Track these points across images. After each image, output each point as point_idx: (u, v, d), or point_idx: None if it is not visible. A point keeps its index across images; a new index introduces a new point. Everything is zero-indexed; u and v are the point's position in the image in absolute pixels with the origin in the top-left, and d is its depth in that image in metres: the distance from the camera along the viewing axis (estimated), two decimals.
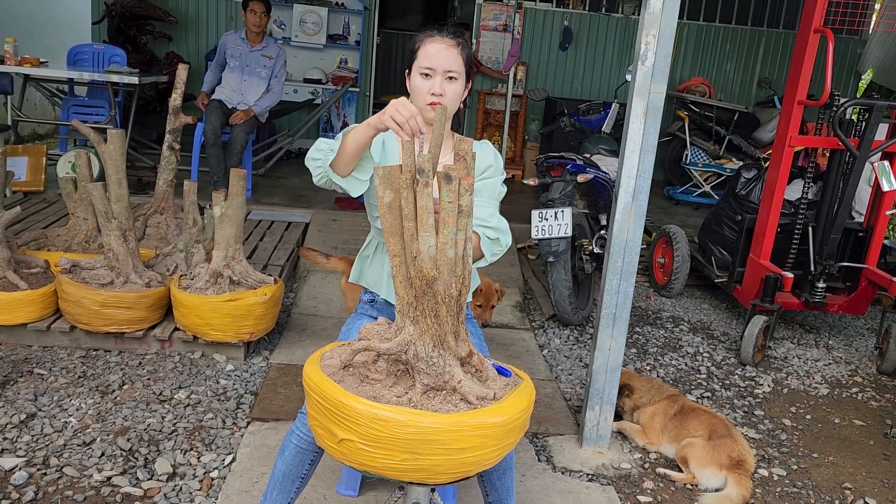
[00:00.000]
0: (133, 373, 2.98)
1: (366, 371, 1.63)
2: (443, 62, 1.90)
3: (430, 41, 1.92)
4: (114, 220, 3.08)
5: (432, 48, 1.91)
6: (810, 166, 3.78)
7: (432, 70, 1.91)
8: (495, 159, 2.01)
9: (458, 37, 1.95)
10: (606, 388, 2.64)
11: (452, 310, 1.60)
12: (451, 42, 1.92)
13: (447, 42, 1.92)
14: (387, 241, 1.60)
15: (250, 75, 5.53)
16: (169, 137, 3.80)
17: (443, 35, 1.93)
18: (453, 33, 1.95)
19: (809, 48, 3.52)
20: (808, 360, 3.78)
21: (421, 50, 1.94)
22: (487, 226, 1.89)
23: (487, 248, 1.90)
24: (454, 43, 1.93)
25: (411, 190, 1.52)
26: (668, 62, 2.40)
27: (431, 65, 1.91)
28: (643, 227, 2.54)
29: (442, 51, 1.91)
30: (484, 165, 2.00)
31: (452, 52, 1.92)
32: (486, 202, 1.95)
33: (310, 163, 1.92)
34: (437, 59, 1.90)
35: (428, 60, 1.91)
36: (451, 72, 1.92)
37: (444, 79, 1.92)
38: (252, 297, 3.09)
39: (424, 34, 1.96)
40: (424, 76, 1.92)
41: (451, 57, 1.91)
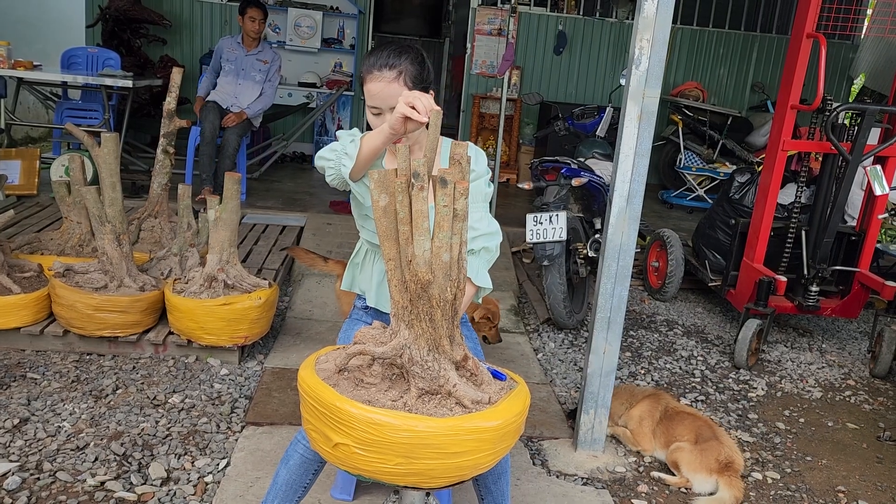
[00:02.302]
0: (127, 377, 2.97)
1: (361, 375, 1.63)
2: (386, 100, 1.82)
3: (370, 78, 1.83)
4: (108, 224, 3.07)
5: (373, 87, 1.83)
6: (803, 170, 3.80)
7: (379, 109, 1.84)
8: (476, 162, 1.95)
9: (398, 63, 1.82)
10: (601, 392, 2.65)
11: (447, 314, 1.60)
12: (391, 76, 1.82)
13: (386, 77, 1.82)
14: (382, 244, 1.60)
15: (245, 79, 5.55)
16: (163, 141, 3.79)
17: (381, 69, 1.82)
18: (392, 62, 1.82)
19: (802, 53, 3.54)
20: (802, 363, 3.79)
21: (365, 87, 1.85)
22: (479, 234, 1.92)
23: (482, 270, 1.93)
24: (394, 76, 1.82)
25: (406, 194, 1.52)
26: (662, 67, 2.41)
27: (376, 104, 1.84)
28: (637, 231, 2.55)
29: (383, 89, 1.82)
30: (472, 166, 1.97)
31: (393, 86, 1.81)
32: (472, 206, 1.93)
33: (321, 162, 1.91)
34: (379, 97, 1.83)
35: (372, 100, 1.84)
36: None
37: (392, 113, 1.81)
38: (247, 301, 3.09)
39: (365, 67, 1.86)
40: (375, 114, 1.85)
41: (393, 93, 1.80)
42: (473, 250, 1.93)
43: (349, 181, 1.88)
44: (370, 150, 1.80)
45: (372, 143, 1.79)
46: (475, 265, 1.93)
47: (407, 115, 1.65)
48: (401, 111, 1.65)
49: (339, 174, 1.87)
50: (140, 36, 7.07)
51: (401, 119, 1.67)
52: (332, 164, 1.87)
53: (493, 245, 1.96)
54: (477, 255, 1.95)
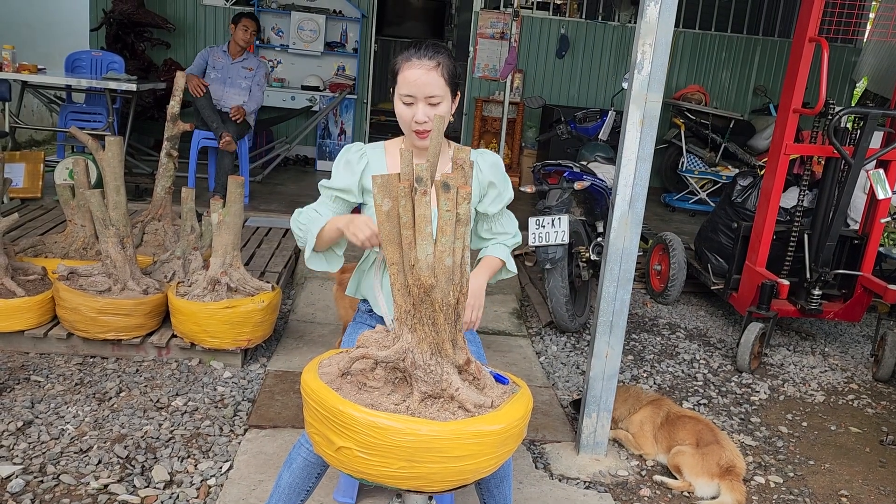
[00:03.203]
0: (130, 380, 2.98)
1: (363, 379, 1.64)
2: (423, 88, 1.83)
3: (408, 66, 1.84)
4: (111, 227, 3.08)
5: (411, 74, 1.83)
6: (806, 174, 3.80)
7: (413, 97, 1.84)
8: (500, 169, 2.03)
9: (436, 55, 1.85)
10: (603, 396, 2.65)
11: (450, 318, 1.61)
12: (430, 64, 1.83)
13: (425, 65, 1.83)
14: (385, 249, 1.61)
15: (231, 86, 5.65)
16: (167, 144, 3.81)
17: (420, 58, 1.83)
18: (431, 54, 1.85)
19: (804, 57, 3.54)
20: (805, 367, 3.79)
21: (400, 75, 1.85)
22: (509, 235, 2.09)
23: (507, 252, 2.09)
24: (433, 65, 1.83)
25: (409, 198, 1.53)
26: (665, 71, 2.42)
27: (411, 92, 1.84)
28: (640, 235, 2.55)
29: (421, 76, 1.82)
30: (490, 178, 2.01)
31: (432, 74, 1.83)
32: (502, 216, 2.08)
33: (294, 225, 1.98)
34: (416, 85, 1.83)
35: (407, 87, 1.84)
36: (433, 97, 1.84)
37: (426, 104, 1.85)
38: (250, 305, 3.09)
39: (402, 57, 1.87)
40: (406, 104, 1.86)
41: (431, 81, 1.83)
42: (507, 245, 2.09)
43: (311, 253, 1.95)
44: (328, 237, 1.88)
45: (328, 234, 1.87)
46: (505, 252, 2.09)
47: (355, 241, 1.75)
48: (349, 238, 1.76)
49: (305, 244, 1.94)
50: (144, 40, 7.10)
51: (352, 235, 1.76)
52: (301, 234, 1.96)
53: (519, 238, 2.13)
54: (508, 245, 2.09)
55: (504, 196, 2.04)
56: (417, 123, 1.87)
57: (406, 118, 1.88)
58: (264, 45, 7.57)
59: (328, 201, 1.99)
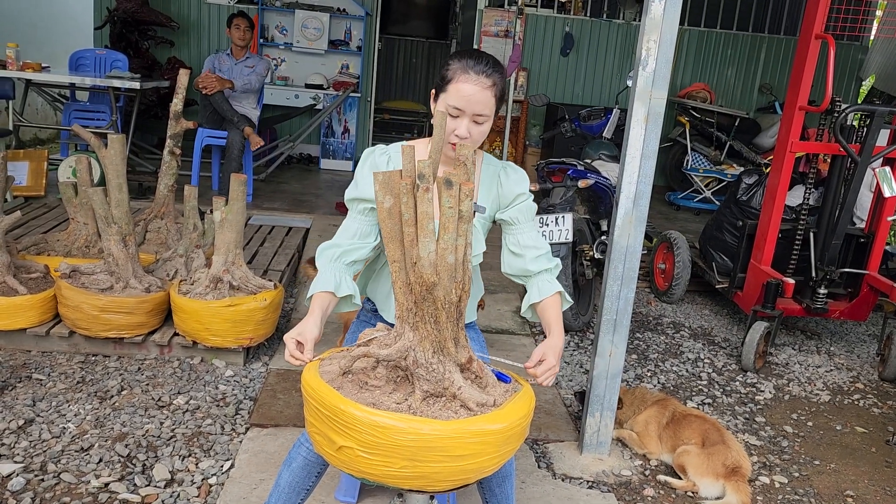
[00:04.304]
0: (132, 378, 2.97)
1: (365, 377, 1.62)
2: (474, 105, 1.77)
3: (465, 79, 1.76)
4: (114, 225, 3.07)
5: (466, 88, 1.76)
6: (811, 172, 3.77)
7: (461, 112, 1.78)
8: (522, 183, 2.00)
9: (494, 74, 1.79)
10: (607, 395, 2.63)
11: (452, 316, 1.59)
12: (487, 83, 1.77)
13: (482, 83, 1.77)
14: (386, 246, 1.59)
15: (238, 81, 5.66)
16: (170, 142, 3.80)
17: (479, 73, 1.76)
18: (490, 72, 1.78)
19: (811, 54, 3.51)
20: (810, 366, 3.77)
21: (453, 85, 1.77)
22: (541, 252, 2.00)
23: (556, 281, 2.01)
24: (489, 83, 1.77)
25: (411, 195, 1.52)
26: (669, 68, 2.40)
27: (461, 106, 1.77)
28: (644, 233, 2.53)
29: (476, 93, 1.76)
30: (518, 191, 1.99)
31: (486, 94, 1.77)
32: (528, 226, 2.01)
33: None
34: (469, 101, 1.77)
35: (459, 100, 1.77)
36: (481, 116, 1.79)
37: (470, 121, 1.79)
38: (252, 303, 3.08)
39: (459, 65, 1.78)
40: (452, 115, 1.79)
41: (483, 100, 1.77)
42: (549, 269, 1.99)
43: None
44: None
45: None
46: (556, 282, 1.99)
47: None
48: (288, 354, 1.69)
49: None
50: (148, 38, 7.10)
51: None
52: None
53: (557, 260, 2.04)
54: (552, 272, 2.01)
55: (532, 207, 2.01)
56: (458, 137, 1.83)
57: (447, 128, 1.83)
58: (268, 44, 7.57)
59: (358, 215, 1.92)
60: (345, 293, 1.87)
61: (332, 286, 1.86)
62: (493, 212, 2.02)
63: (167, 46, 7.30)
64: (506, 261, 2.06)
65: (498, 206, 2.02)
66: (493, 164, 2.03)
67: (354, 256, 1.93)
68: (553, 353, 1.81)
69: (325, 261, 1.92)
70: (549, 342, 1.86)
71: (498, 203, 2.02)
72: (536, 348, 1.84)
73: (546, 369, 1.78)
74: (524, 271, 2.02)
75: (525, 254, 2.01)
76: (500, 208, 2.02)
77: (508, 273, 2.07)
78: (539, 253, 2.01)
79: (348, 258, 1.93)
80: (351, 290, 1.89)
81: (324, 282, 1.87)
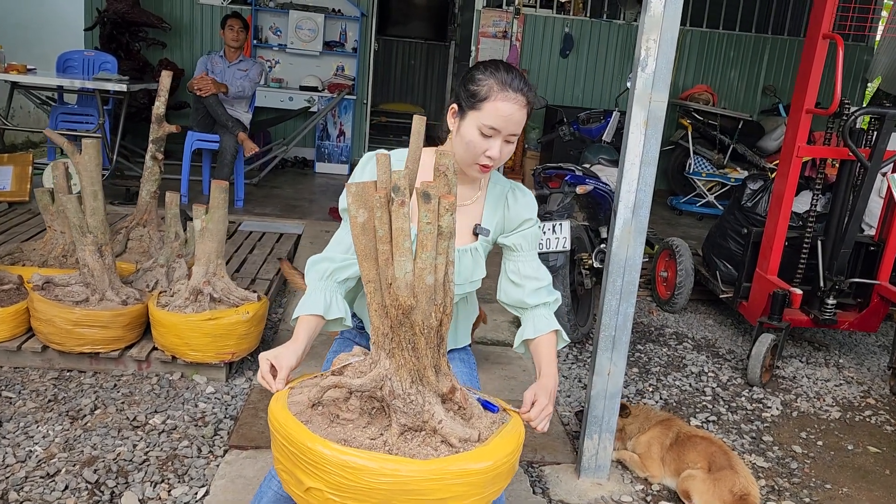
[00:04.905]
0: (107, 396, 2.83)
1: (336, 410, 1.48)
2: (511, 125, 1.67)
3: (504, 97, 1.65)
4: (89, 235, 2.93)
5: (505, 107, 1.65)
6: (818, 177, 3.62)
7: (496, 132, 1.67)
8: (530, 208, 1.88)
9: (528, 92, 1.69)
10: (605, 416, 2.48)
11: (432, 342, 1.45)
12: (523, 101, 1.67)
13: (520, 102, 1.67)
14: (360, 265, 1.45)
15: (232, 87, 5.52)
16: (152, 147, 3.67)
17: (517, 91, 1.66)
18: (526, 90, 1.68)
19: (818, 55, 3.37)
20: (818, 380, 3.61)
21: (490, 103, 1.65)
22: (542, 285, 1.85)
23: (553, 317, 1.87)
24: (524, 102, 1.68)
25: (386, 209, 1.37)
26: (670, 69, 2.26)
27: (498, 125, 1.66)
28: (644, 244, 2.39)
29: (515, 112, 1.66)
30: (525, 216, 1.87)
31: (522, 113, 1.68)
32: (531, 255, 1.87)
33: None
34: (508, 120, 1.66)
35: (496, 120, 1.65)
36: (514, 135, 1.70)
37: (504, 141, 1.69)
38: (233, 316, 2.94)
39: (495, 81, 1.66)
40: (485, 135, 1.67)
41: (520, 120, 1.68)
42: (548, 303, 1.86)
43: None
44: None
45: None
46: (553, 319, 1.86)
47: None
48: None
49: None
50: (139, 39, 6.97)
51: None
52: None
53: (558, 294, 1.90)
54: (551, 306, 1.88)
55: (532, 229, 1.87)
56: (489, 159, 1.70)
57: (478, 148, 1.69)
58: (262, 45, 7.44)
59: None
60: (335, 316, 1.73)
61: (321, 308, 1.71)
62: (496, 235, 1.88)
63: (159, 48, 7.17)
64: (503, 289, 1.92)
65: (502, 229, 1.88)
66: (500, 183, 1.90)
67: (348, 273, 1.78)
68: (545, 395, 1.68)
69: (315, 277, 1.77)
70: (541, 383, 1.73)
71: (503, 226, 1.88)
72: (527, 391, 1.70)
73: (539, 411, 1.64)
74: (521, 303, 1.88)
75: (525, 284, 1.87)
76: (503, 232, 1.88)
77: (504, 302, 1.94)
78: (539, 285, 1.87)
79: (341, 275, 1.78)
80: (342, 313, 1.75)
81: (312, 303, 1.72)
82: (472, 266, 1.85)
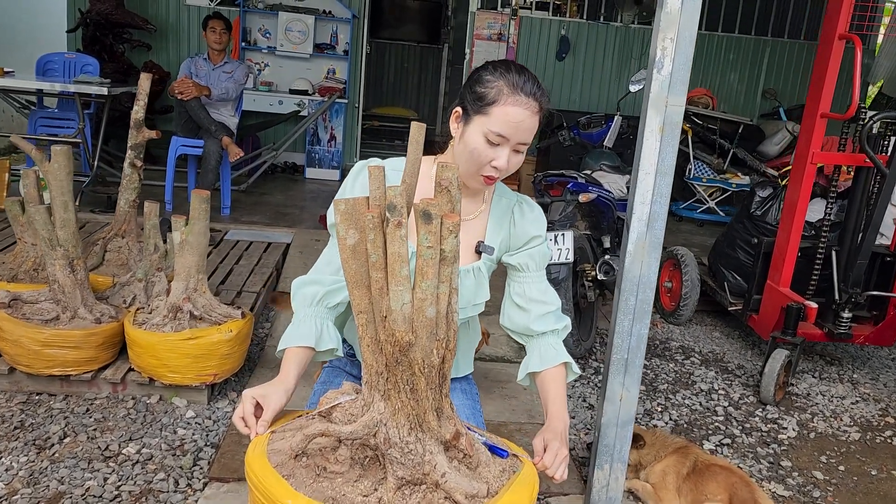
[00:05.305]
0: (78, 422, 2.62)
1: (324, 461, 1.29)
2: (522, 133, 1.50)
3: (515, 102, 1.48)
4: (59, 248, 2.73)
5: (515, 113, 1.48)
6: (833, 184, 3.46)
7: (505, 140, 1.50)
8: (539, 224, 1.70)
9: (542, 97, 1.53)
10: (617, 445, 2.30)
11: (434, 381, 1.26)
12: (535, 107, 1.51)
13: (532, 107, 1.50)
14: (351, 293, 1.26)
15: (216, 90, 5.30)
16: (131, 154, 3.46)
17: (529, 95, 1.50)
18: (539, 94, 1.52)
19: (833, 56, 3.20)
20: (834, 397, 3.44)
21: (499, 108, 1.49)
22: (549, 310, 1.68)
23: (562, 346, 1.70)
24: (537, 108, 1.51)
25: (379, 231, 1.19)
26: (689, 69, 2.08)
27: (507, 133, 1.49)
28: (659, 260, 2.21)
29: (526, 119, 1.50)
30: (533, 233, 1.69)
31: (535, 120, 1.52)
32: (538, 275, 1.70)
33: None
34: (518, 128, 1.49)
35: (505, 127, 1.49)
36: (524, 144, 1.53)
37: (513, 151, 1.52)
38: (215, 335, 2.74)
39: (505, 83, 1.49)
40: (492, 143, 1.50)
41: (531, 127, 1.52)
42: (557, 330, 1.70)
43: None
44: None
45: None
46: (562, 349, 1.70)
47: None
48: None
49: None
50: (123, 41, 6.75)
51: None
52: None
53: (567, 320, 1.72)
54: (559, 334, 1.71)
55: (539, 247, 1.69)
56: (495, 169, 1.53)
57: (483, 156, 1.51)
58: (250, 47, 7.24)
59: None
60: (326, 346, 1.55)
61: (311, 339, 1.53)
62: (500, 253, 1.69)
63: (144, 50, 6.96)
64: (506, 313, 1.74)
65: (508, 247, 1.69)
66: (506, 196, 1.71)
67: (339, 297, 1.59)
68: (557, 439, 1.49)
69: (303, 303, 1.58)
70: (549, 426, 1.54)
71: (508, 244, 1.69)
72: (535, 438, 1.51)
73: (553, 457, 1.45)
74: (526, 329, 1.70)
75: (531, 309, 1.68)
76: (509, 250, 1.70)
77: (508, 328, 1.75)
78: (546, 310, 1.68)
79: (332, 300, 1.59)
80: (333, 343, 1.56)
81: (301, 333, 1.53)
82: (475, 287, 1.67)
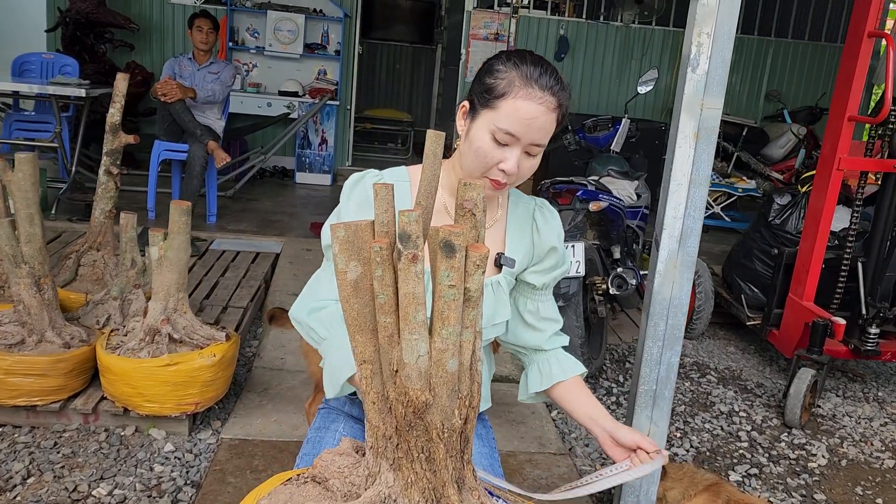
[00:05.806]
0: (44, 458, 2.37)
1: None
2: (535, 132, 1.30)
3: (527, 96, 1.29)
4: (24, 266, 2.48)
5: (527, 108, 1.29)
6: (859, 192, 3.25)
7: (515, 139, 1.30)
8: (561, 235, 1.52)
9: (562, 92, 1.33)
10: (644, 486, 2.07)
11: (455, 448, 1.03)
12: (553, 104, 1.31)
13: (549, 103, 1.30)
14: (352, 338, 1.02)
15: (201, 92, 5.05)
16: (107, 160, 3.20)
17: (544, 89, 1.30)
18: (557, 89, 1.32)
19: (862, 55, 3.00)
20: (861, 418, 3.23)
21: (509, 102, 1.29)
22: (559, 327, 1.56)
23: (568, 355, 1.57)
24: (555, 104, 1.31)
25: (388, 266, 0.95)
26: (727, 69, 1.86)
27: (517, 132, 1.29)
28: (692, 280, 1.98)
29: (540, 116, 1.30)
30: (552, 242, 1.49)
31: (551, 117, 1.32)
32: (549, 293, 1.54)
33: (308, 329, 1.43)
34: (530, 126, 1.29)
35: (514, 123, 1.29)
36: (538, 146, 1.33)
37: (524, 153, 1.32)
38: (197, 360, 2.49)
39: (517, 74, 1.30)
40: (499, 142, 1.30)
41: (546, 126, 1.31)
42: (565, 346, 1.59)
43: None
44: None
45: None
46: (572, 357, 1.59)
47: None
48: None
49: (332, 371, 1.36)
50: (105, 41, 6.48)
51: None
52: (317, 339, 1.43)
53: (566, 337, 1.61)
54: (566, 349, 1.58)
55: (563, 267, 1.52)
56: (503, 173, 1.32)
57: (490, 157, 1.31)
58: (238, 48, 6.99)
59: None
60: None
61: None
62: (522, 266, 1.48)
63: (126, 50, 6.69)
64: (513, 330, 1.54)
65: (530, 258, 1.48)
66: (523, 201, 1.50)
67: None
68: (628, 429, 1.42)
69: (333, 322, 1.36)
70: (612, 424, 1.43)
71: (531, 255, 1.48)
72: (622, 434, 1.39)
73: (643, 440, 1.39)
74: (538, 347, 1.54)
75: (545, 329, 1.52)
76: (531, 262, 1.49)
77: (512, 344, 1.57)
78: (558, 328, 1.55)
79: None
80: None
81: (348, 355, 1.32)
82: (494, 304, 1.45)
